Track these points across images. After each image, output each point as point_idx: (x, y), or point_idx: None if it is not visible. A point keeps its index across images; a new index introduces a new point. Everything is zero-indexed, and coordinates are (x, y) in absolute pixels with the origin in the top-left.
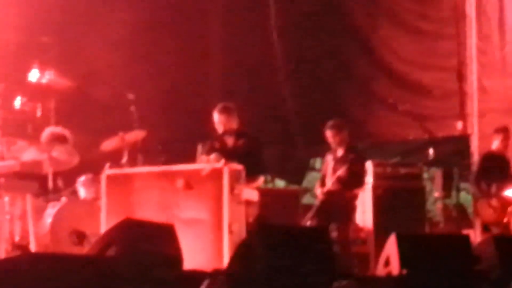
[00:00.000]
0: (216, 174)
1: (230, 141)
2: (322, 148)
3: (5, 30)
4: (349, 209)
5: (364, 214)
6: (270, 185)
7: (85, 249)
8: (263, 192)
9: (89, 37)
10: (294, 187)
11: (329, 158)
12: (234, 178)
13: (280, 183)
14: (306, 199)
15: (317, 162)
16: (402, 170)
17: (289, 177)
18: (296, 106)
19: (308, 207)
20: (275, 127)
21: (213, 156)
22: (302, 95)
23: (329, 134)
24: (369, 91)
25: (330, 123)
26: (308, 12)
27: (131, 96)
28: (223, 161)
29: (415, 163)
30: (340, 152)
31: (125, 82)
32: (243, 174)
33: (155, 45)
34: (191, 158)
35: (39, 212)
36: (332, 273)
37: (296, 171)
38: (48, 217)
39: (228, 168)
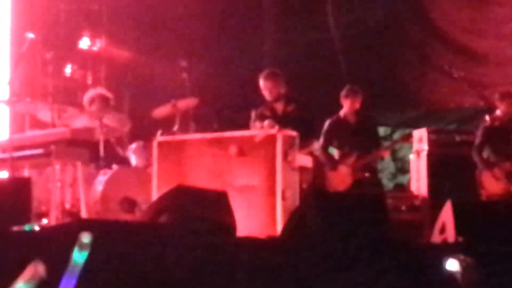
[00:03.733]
0: (269, 141)
1: (280, 107)
2: (382, 116)
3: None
4: None
5: (418, 181)
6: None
7: (136, 217)
8: (317, 158)
9: (139, 5)
10: None
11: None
12: (288, 144)
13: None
14: None
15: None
16: (457, 138)
17: None
18: (351, 75)
19: None
20: (330, 97)
21: (266, 122)
22: (357, 64)
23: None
24: (424, 58)
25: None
26: None
27: (183, 63)
28: (276, 127)
29: (470, 131)
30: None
31: (177, 50)
32: (297, 140)
33: (206, 14)
34: (244, 125)
35: (90, 180)
36: (387, 241)
37: None
38: (99, 184)
39: (282, 134)
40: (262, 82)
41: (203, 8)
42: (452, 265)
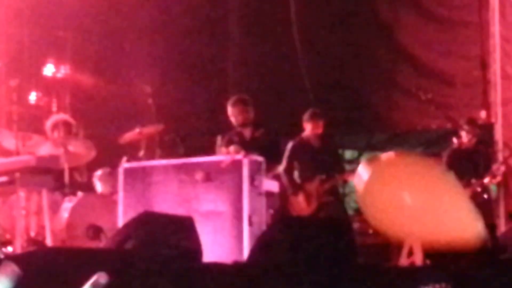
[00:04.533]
0: (236, 166)
1: (247, 132)
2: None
3: (19, 25)
4: None
5: None
6: None
7: (102, 244)
8: (283, 183)
9: (104, 31)
10: None
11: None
12: (254, 169)
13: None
14: None
15: (346, 154)
16: None
17: None
18: (317, 97)
19: None
20: (296, 120)
21: (232, 147)
22: (323, 86)
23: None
24: (391, 80)
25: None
26: (328, 1)
27: (148, 89)
28: (242, 152)
29: (438, 153)
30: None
31: (142, 76)
32: (263, 165)
33: (171, 39)
34: (210, 151)
35: (55, 207)
36: (355, 265)
37: None
38: (65, 211)
39: (248, 159)
40: (229, 109)
41: (166, 33)
42: None
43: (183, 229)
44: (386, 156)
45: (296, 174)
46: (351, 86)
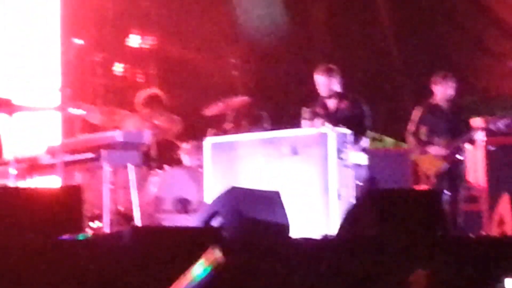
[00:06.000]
0: (322, 139)
1: (333, 104)
2: None
3: None
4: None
5: (475, 172)
6: (379, 144)
7: (189, 217)
8: (370, 154)
9: (189, 2)
10: (403, 145)
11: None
12: (341, 142)
13: (389, 141)
14: None
15: None
16: None
17: (398, 134)
18: (403, 61)
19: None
20: (382, 84)
21: (318, 120)
22: (410, 50)
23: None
24: (479, 44)
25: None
26: None
27: (233, 61)
28: (328, 125)
29: None
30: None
31: (228, 47)
32: (350, 137)
33: None
34: (296, 124)
35: (142, 181)
36: (443, 236)
37: (405, 128)
38: (152, 186)
39: (334, 132)
40: (316, 77)
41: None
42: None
43: (270, 204)
44: None
45: (423, 136)
46: (439, 51)
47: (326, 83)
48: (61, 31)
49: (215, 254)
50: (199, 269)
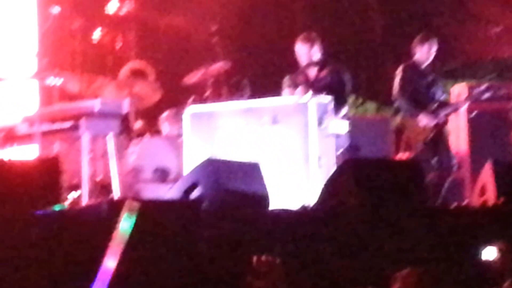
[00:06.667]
0: (303, 108)
1: (313, 73)
2: None
3: None
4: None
5: (458, 139)
6: (360, 109)
7: (168, 186)
8: (352, 121)
9: None
10: (384, 111)
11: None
12: (321, 111)
13: (371, 105)
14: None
15: None
16: (498, 92)
17: (380, 98)
18: (384, 24)
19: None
20: (363, 47)
21: (299, 89)
22: (390, 12)
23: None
24: (462, 8)
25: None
26: None
27: (214, 27)
28: (309, 94)
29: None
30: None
31: (208, 13)
32: (331, 106)
33: None
34: (276, 93)
35: (121, 150)
36: (424, 207)
37: (387, 92)
38: (131, 155)
39: (314, 101)
40: (297, 46)
41: None
42: (489, 252)
43: (249, 175)
44: None
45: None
46: (420, 15)
47: (306, 52)
48: None
49: (133, 203)
50: (126, 223)
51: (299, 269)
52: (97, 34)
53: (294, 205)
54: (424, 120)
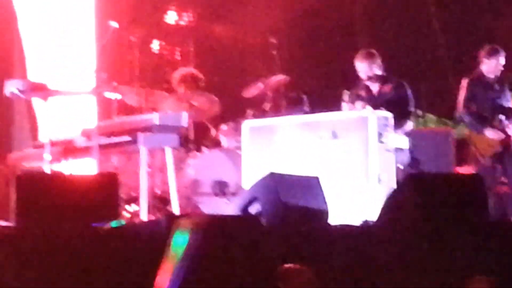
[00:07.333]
0: (363, 122)
1: (375, 87)
2: None
3: None
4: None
5: None
6: (421, 121)
7: (227, 200)
8: (412, 136)
9: None
10: (445, 123)
11: None
12: (382, 125)
13: (431, 118)
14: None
15: None
16: None
17: (441, 111)
18: (446, 38)
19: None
20: (425, 61)
21: (358, 103)
22: (452, 27)
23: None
24: None
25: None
26: None
27: (273, 40)
28: (369, 108)
29: None
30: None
31: (267, 26)
32: (391, 120)
33: None
34: (336, 106)
35: (179, 163)
36: (487, 222)
37: (447, 104)
38: (189, 168)
39: (375, 115)
40: (357, 63)
41: None
42: None
43: (309, 190)
44: None
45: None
46: (479, 27)
47: (366, 69)
48: (95, 13)
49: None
50: (178, 239)
51: (359, 284)
52: (155, 46)
53: (354, 221)
54: (491, 134)
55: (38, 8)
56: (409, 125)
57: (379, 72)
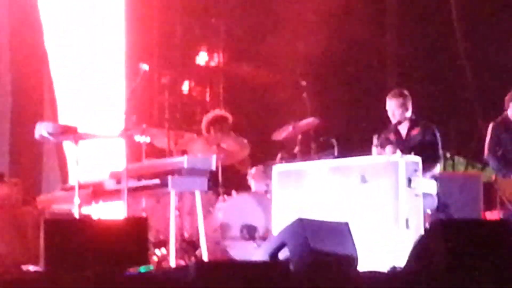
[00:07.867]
0: (392, 167)
1: (404, 130)
2: None
3: (171, 13)
4: None
5: None
6: (450, 163)
7: (256, 244)
8: (440, 180)
9: (259, 18)
10: (474, 166)
11: None
12: (411, 170)
13: (460, 161)
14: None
15: None
16: None
17: (471, 154)
18: (476, 79)
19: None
20: (454, 103)
21: (388, 148)
22: (482, 69)
23: None
24: None
25: None
26: None
27: (303, 82)
28: (399, 153)
29: None
30: None
31: (298, 68)
32: (420, 165)
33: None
34: (366, 151)
35: (209, 207)
36: None
37: (478, 147)
38: (218, 212)
39: (404, 160)
40: (389, 102)
41: (321, 28)
42: None
43: (339, 236)
44: None
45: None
46: (509, 68)
47: (398, 108)
48: (126, 55)
49: None
50: None
51: None
52: (186, 87)
53: (383, 267)
54: None
55: (70, 50)
56: (437, 168)
57: (409, 113)
